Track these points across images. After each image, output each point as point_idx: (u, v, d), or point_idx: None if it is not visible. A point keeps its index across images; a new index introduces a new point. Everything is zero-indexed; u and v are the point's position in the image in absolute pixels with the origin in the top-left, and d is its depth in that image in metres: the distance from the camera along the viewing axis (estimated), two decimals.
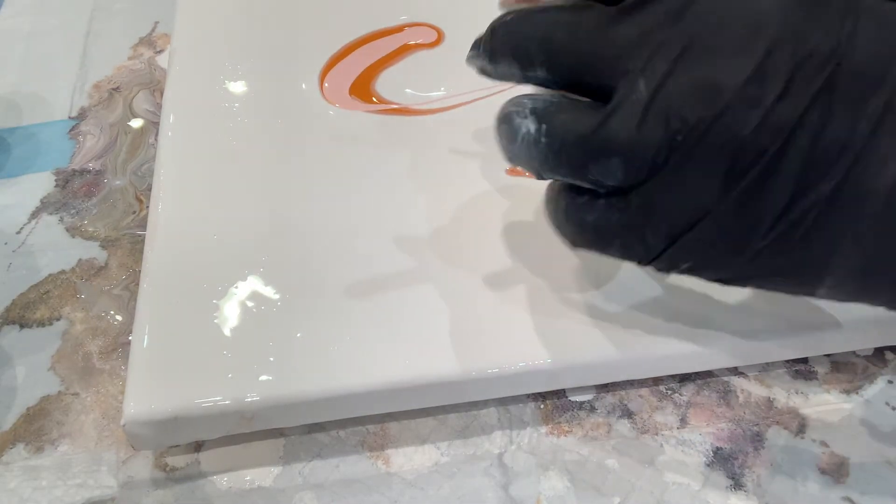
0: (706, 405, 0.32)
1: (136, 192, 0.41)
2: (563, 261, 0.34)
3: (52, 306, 0.36)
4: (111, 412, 0.32)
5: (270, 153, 0.39)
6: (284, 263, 0.34)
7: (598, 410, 0.32)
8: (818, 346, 0.33)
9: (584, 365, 0.31)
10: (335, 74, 0.44)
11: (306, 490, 0.30)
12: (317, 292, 0.33)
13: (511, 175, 0.38)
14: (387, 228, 0.35)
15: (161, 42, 0.50)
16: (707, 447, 0.31)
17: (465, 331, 0.31)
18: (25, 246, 0.38)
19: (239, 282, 0.33)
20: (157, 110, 0.45)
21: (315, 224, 0.36)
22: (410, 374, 0.30)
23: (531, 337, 0.31)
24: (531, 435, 0.31)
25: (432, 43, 0.45)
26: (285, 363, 0.30)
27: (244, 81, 0.43)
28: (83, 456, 0.31)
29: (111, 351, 0.34)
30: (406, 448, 0.31)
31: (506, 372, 0.31)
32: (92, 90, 0.47)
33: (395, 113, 0.41)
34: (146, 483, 0.30)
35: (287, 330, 0.31)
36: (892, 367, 0.34)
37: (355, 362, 0.30)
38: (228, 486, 0.30)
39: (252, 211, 0.36)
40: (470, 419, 0.32)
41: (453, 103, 0.42)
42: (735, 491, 0.30)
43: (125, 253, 0.38)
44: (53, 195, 0.41)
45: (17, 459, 0.31)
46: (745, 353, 0.33)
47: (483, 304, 0.32)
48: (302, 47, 0.45)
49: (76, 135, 0.44)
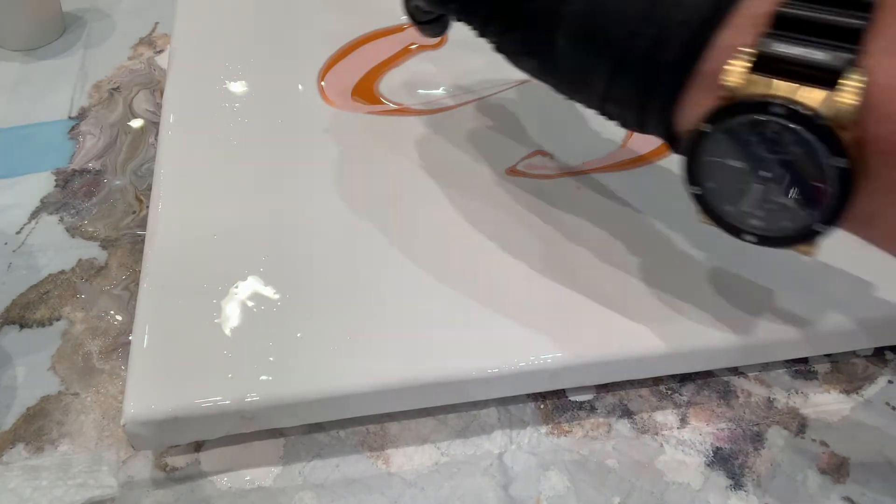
0: (706, 405, 0.32)
1: (136, 192, 0.41)
2: (563, 261, 0.34)
3: (52, 306, 0.36)
4: (111, 412, 0.32)
5: (270, 153, 0.39)
6: (284, 263, 0.34)
7: (598, 410, 0.32)
8: (818, 346, 0.33)
9: (584, 365, 0.31)
10: (335, 75, 0.44)
11: (306, 490, 0.30)
12: (317, 292, 0.33)
13: (511, 175, 0.38)
14: (386, 229, 0.35)
15: (161, 42, 0.50)
16: (707, 447, 0.31)
17: (465, 331, 0.31)
18: (25, 246, 0.38)
19: (239, 282, 0.33)
20: (157, 110, 0.45)
21: (315, 224, 0.36)
22: (410, 374, 0.30)
23: (531, 337, 0.31)
24: (531, 435, 0.31)
25: (435, 45, 0.45)
26: (285, 363, 0.30)
27: (244, 81, 0.43)
28: (83, 456, 0.31)
29: (111, 351, 0.34)
30: (406, 448, 0.31)
31: (506, 372, 0.31)
32: (92, 90, 0.47)
33: (395, 113, 0.41)
34: (146, 483, 0.30)
35: (287, 330, 0.31)
36: (892, 367, 0.34)
37: (355, 362, 0.30)
38: (228, 486, 0.30)
39: (252, 211, 0.36)
40: (470, 419, 0.32)
41: (453, 103, 0.42)
42: (735, 491, 0.30)
43: (125, 253, 0.38)
44: (53, 195, 0.41)
45: (18, 459, 0.31)
46: (745, 353, 0.33)
47: (483, 304, 0.32)
48: (302, 47, 0.45)
49: (76, 135, 0.44)
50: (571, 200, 0.37)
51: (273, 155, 0.39)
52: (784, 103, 0.22)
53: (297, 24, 0.47)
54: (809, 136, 0.22)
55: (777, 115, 0.23)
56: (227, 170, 0.38)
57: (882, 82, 0.22)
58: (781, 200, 0.24)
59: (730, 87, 0.23)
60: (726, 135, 0.24)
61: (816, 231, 0.24)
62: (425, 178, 0.38)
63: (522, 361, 0.31)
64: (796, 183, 0.24)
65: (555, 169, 0.39)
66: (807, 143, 0.23)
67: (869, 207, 0.23)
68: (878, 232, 0.25)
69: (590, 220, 0.36)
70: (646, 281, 0.33)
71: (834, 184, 0.23)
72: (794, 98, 0.22)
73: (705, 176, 0.25)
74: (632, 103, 0.26)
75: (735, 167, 0.24)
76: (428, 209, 0.36)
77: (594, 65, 0.26)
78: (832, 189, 0.23)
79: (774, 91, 0.23)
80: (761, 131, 0.23)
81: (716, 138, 0.24)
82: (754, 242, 0.25)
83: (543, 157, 0.39)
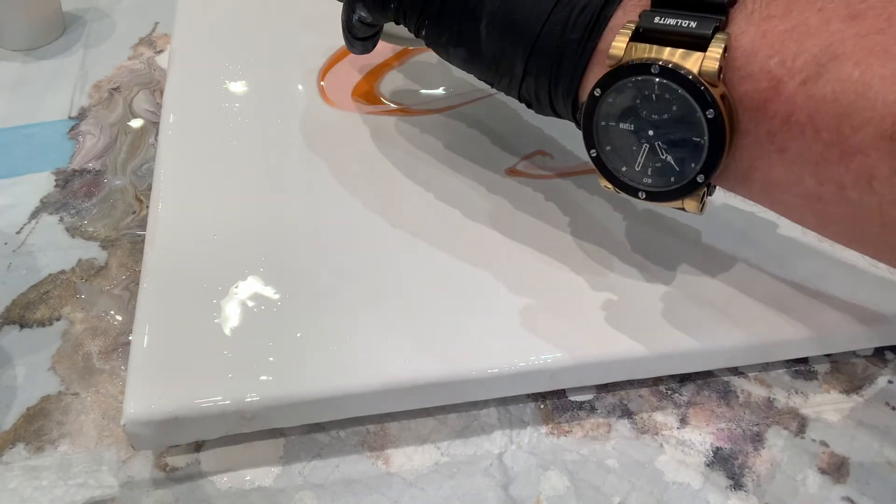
0: (706, 405, 0.32)
1: (136, 192, 0.41)
2: (563, 261, 0.34)
3: (52, 306, 0.36)
4: (111, 412, 0.32)
5: (270, 153, 0.39)
6: (284, 263, 0.34)
7: (598, 410, 0.32)
8: (818, 346, 0.33)
9: (584, 365, 0.31)
10: (335, 75, 0.44)
11: (306, 490, 0.30)
12: (317, 292, 0.33)
13: (511, 175, 0.38)
14: (387, 229, 0.35)
15: (161, 42, 0.50)
16: (707, 447, 0.31)
17: (465, 331, 0.31)
18: (25, 246, 0.38)
19: (239, 282, 0.33)
20: (157, 110, 0.45)
21: (315, 224, 0.36)
22: (410, 374, 0.30)
23: (531, 337, 0.31)
24: (531, 435, 0.31)
25: None
26: (285, 363, 0.30)
27: (244, 81, 0.43)
28: (83, 456, 0.31)
29: (111, 351, 0.34)
30: (406, 448, 0.31)
31: (506, 372, 0.31)
32: (92, 90, 0.47)
33: (395, 113, 0.41)
34: (146, 483, 0.30)
35: (287, 330, 0.31)
36: (892, 367, 0.34)
37: (355, 362, 0.30)
38: (228, 486, 0.30)
39: (252, 211, 0.36)
40: (470, 419, 0.32)
41: (453, 103, 0.42)
42: (735, 491, 0.30)
43: (125, 253, 0.38)
44: (53, 195, 0.41)
45: (18, 459, 0.31)
46: (745, 353, 0.33)
47: (483, 304, 0.32)
48: (302, 48, 0.45)
49: (76, 135, 0.44)
50: (571, 200, 0.37)
51: (273, 155, 0.39)
52: (661, 64, 0.26)
53: (298, 24, 0.47)
54: (684, 92, 0.26)
55: (655, 73, 0.26)
56: (227, 170, 0.38)
57: (745, 45, 0.25)
58: (667, 158, 0.28)
59: (616, 56, 0.27)
60: (615, 99, 0.27)
61: (698, 182, 0.27)
62: (425, 178, 0.38)
63: (522, 361, 0.31)
64: (678, 140, 0.27)
65: (555, 169, 0.39)
66: (683, 99, 0.26)
67: (744, 164, 0.27)
68: (755, 187, 0.28)
69: (590, 220, 0.36)
70: (646, 281, 0.33)
71: (708, 135, 0.26)
72: (668, 58, 0.26)
73: (601, 140, 0.29)
74: (544, 84, 0.30)
75: (626, 130, 0.28)
76: (428, 209, 0.36)
77: (513, 48, 0.30)
78: (707, 141, 0.26)
79: (653, 55, 0.26)
80: (645, 92, 0.27)
81: (607, 103, 0.28)
82: (645, 199, 0.29)
83: (543, 157, 0.39)
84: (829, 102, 0.24)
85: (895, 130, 0.23)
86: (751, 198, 0.29)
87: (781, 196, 0.27)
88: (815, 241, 0.35)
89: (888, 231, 0.25)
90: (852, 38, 0.24)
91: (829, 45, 0.24)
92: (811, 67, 0.24)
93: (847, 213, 0.25)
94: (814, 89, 0.24)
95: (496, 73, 0.31)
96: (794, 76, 0.25)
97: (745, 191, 0.28)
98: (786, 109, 0.25)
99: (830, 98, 0.24)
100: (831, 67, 0.24)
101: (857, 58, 0.24)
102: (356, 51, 0.36)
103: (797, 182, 0.26)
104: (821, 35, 0.24)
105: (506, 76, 0.31)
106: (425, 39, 0.33)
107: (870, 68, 0.23)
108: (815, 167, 0.25)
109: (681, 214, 0.36)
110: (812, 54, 0.24)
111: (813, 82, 0.24)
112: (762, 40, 0.25)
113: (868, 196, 0.24)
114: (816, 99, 0.24)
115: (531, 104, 0.32)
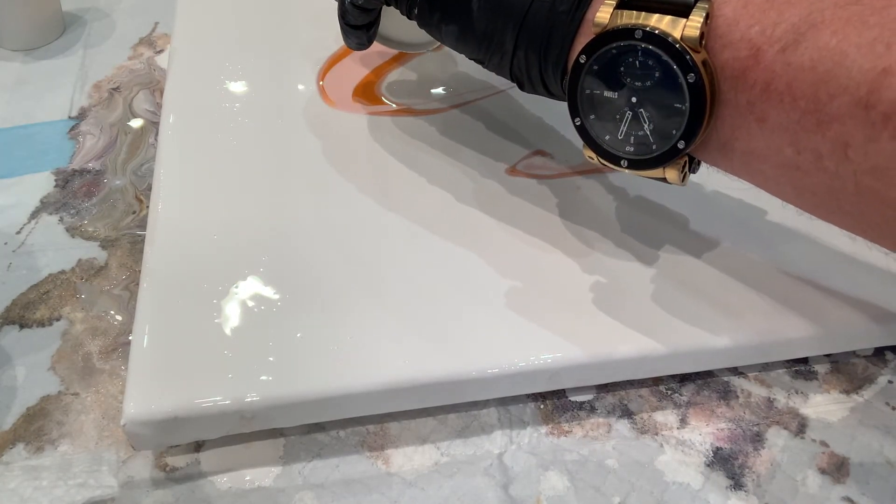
0: (706, 405, 0.32)
1: (136, 192, 0.41)
2: (564, 261, 0.34)
3: (52, 306, 0.36)
4: (111, 412, 0.32)
5: (270, 153, 0.39)
6: (284, 263, 0.34)
7: (598, 410, 0.32)
8: (818, 346, 0.33)
9: (584, 365, 0.31)
10: (335, 75, 0.44)
11: (306, 490, 0.30)
12: (317, 292, 0.33)
13: (511, 175, 0.38)
14: (387, 229, 0.35)
15: (161, 42, 0.50)
16: (707, 447, 0.31)
17: (465, 331, 0.31)
18: (25, 246, 0.38)
19: (239, 282, 0.33)
20: (157, 110, 0.45)
21: (315, 224, 0.36)
22: (410, 374, 0.30)
23: (531, 337, 0.31)
24: (531, 435, 0.31)
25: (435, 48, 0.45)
26: (285, 363, 0.30)
27: (244, 81, 0.43)
28: (83, 456, 0.31)
29: (111, 351, 0.34)
30: (406, 448, 0.31)
31: (506, 372, 0.31)
32: (92, 90, 0.47)
33: (395, 114, 0.42)
34: (146, 483, 0.30)
35: (287, 330, 0.31)
36: (892, 367, 0.34)
37: (355, 362, 0.30)
38: (228, 486, 0.30)
39: (252, 211, 0.36)
40: (470, 419, 0.32)
41: (454, 103, 0.42)
42: (735, 491, 0.30)
43: (125, 253, 0.38)
44: (53, 195, 0.41)
45: (18, 459, 0.31)
46: (745, 353, 0.33)
47: (483, 304, 0.32)
48: (302, 47, 0.45)
49: (76, 135, 0.44)
50: (571, 200, 0.37)
51: (273, 155, 0.39)
52: (644, 29, 0.27)
53: (298, 24, 0.47)
54: (666, 57, 0.26)
55: (638, 39, 0.27)
56: (227, 170, 0.38)
57: (727, 14, 0.26)
58: (649, 125, 0.28)
59: (601, 23, 0.27)
60: (600, 67, 0.28)
61: (679, 148, 0.27)
62: (425, 178, 0.38)
63: (522, 361, 0.31)
64: (660, 106, 0.27)
65: (555, 169, 0.39)
66: (665, 64, 0.27)
67: (725, 134, 0.27)
68: (736, 158, 0.28)
69: (590, 220, 0.36)
70: (646, 281, 0.33)
71: (689, 100, 0.26)
72: (652, 25, 0.27)
73: (586, 109, 0.29)
74: (535, 59, 0.30)
75: (610, 98, 0.28)
76: (428, 209, 0.36)
77: (504, 22, 0.30)
78: (688, 107, 0.27)
79: (640, 21, 0.27)
80: (629, 59, 0.27)
81: (591, 71, 0.28)
82: (627, 167, 0.29)
83: (543, 157, 0.39)
84: (807, 70, 0.24)
85: (870, 98, 0.23)
86: (731, 171, 0.29)
87: (761, 166, 0.27)
88: (816, 242, 0.35)
89: (863, 200, 0.25)
90: (831, 8, 0.24)
91: (808, 14, 0.25)
92: (790, 36, 0.25)
93: (824, 183, 0.26)
94: (792, 57, 0.25)
95: (487, 49, 0.32)
96: (773, 44, 0.25)
97: (725, 163, 0.29)
98: (765, 77, 0.25)
99: (808, 66, 0.24)
100: (809, 36, 0.24)
101: (834, 27, 0.24)
102: (351, 43, 0.36)
103: (776, 152, 0.26)
104: (801, 5, 0.25)
105: (497, 53, 0.31)
106: (418, 19, 0.33)
107: (846, 37, 0.24)
108: (794, 136, 0.25)
109: (682, 215, 0.36)
110: (791, 23, 0.25)
111: (791, 50, 0.25)
112: (744, 9, 0.26)
113: (844, 165, 0.24)
114: (794, 67, 0.25)
115: (522, 83, 0.32)
